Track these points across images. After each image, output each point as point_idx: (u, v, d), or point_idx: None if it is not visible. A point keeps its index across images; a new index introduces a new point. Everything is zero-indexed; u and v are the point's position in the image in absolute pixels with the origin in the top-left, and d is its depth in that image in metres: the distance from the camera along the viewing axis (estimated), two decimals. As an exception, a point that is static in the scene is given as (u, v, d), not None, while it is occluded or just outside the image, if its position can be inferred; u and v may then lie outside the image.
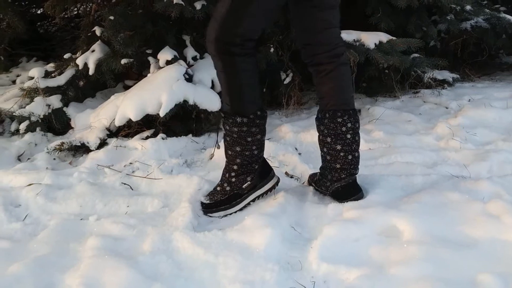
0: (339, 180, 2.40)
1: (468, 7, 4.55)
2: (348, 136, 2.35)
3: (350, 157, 2.38)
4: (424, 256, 1.91)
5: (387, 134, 3.20)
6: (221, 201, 2.43)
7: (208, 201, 2.44)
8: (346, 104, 2.36)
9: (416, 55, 4.05)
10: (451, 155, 2.85)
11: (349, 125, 2.35)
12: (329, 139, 2.37)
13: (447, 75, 4.44)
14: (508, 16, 4.70)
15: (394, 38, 3.79)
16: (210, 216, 2.41)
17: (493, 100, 3.70)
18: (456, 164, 2.71)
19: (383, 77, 4.18)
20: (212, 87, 3.40)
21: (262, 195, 2.47)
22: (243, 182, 2.44)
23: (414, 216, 2.15)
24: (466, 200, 2.27)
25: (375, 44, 3.70)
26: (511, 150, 2.83)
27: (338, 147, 2.36)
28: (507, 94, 3.89)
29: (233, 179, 2.44)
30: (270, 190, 2.48)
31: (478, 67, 4.96)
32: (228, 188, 2.43)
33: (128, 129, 3.34)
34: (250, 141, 2.38)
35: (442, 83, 4.37)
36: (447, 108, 3.79)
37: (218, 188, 2.46)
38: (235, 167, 2.43)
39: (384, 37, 3.79)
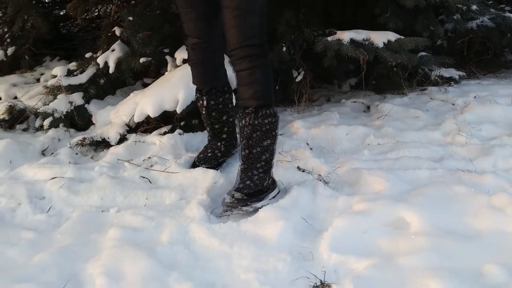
0: None
1: (474, 7, 4.51)
2: None
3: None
4: (431, 247, 1.91)
5: (395, 129, 3.19)
6: (250, 194, 2.35)
7: (240, 196, 2.31)
8: None
9: (423, 53, 4.02)
10: (457, 150, 2.84)
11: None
12: None
13: (453, 72, 4.42)
14: (513, 16, 4.67)
15: (402, 37, 3.77)
16: (241, 211, 2.32)
17: (498, 97, 3.67)
18: (462, 159, 2.70)
19: (391, 75, 4.16)
20: (227, 84, 3.40)
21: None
22: (264, 180, 2.41)
23: (421, 209, 2.15)
24: (472, 193, 2.26)
25: (383, 43, 3.68)
26: (516, 145, 2.81)
27: None
28: (512, 91, 3.87)
29: (256, 177, 2.39)
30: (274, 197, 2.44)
31: (483, 65, 4.92)
32: (252, 185, 2.36)
33: (147, 125, 3.35)
34: (275, 134, 2.44)
35: (448, 81, 4.35)
36: (453, 104, 3.77)
37: (241, 185, 2.36)
38: (259, 164, 2.41)
39: (392, 36, 3.76)
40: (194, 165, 2.78)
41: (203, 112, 2.75)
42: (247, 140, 2.39)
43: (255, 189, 2.36)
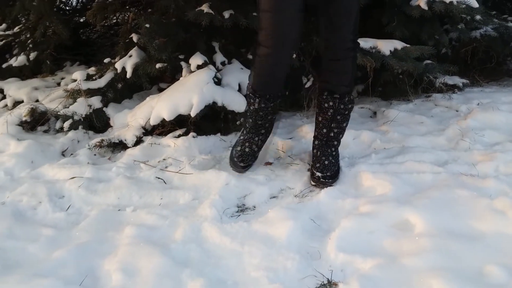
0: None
1: (478, 17, 4.49)
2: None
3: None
4: (434, 248, 1.91)
5: (401, 134, 3.18)
6: (336, 171, 2.63)
7: (329, 173, 2.57)
8: None
9: (428, 61, 4.01)
10: (460, 155, 2.83)
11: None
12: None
13: (457, 80, 4.39)
14: (515, 26, 4.65)
15: (408, 45, 3.76)
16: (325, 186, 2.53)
17: (501, 104, 3.65)
18: (465, 163, 2.69)
19: (397, 82, 4.15)
20: (239, 90, 3.41)
21: None
22: (338, 157, 2.71)
23: (425, 211, 2.14)
24: (474, 197, 2.25)
25: (390, 51, 3.67)
26: (517, 151, 2.80)
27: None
28: (514, 99, 3.85)
29: (334, 153, 2.67)
30: None
31: (486, 73, 4.89)
32: (333, 161, 2.63)
33: (162, 128, 3.36)
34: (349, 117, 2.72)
35: (452, 88, 4.32)
36: (457, 111, 3.76)
37: (326, 162, 2.60)
38: (336, 142, 2.70)
39: (398, 44, 3.76)
40: (232, 159, 2.69)
41: (252, 108, 2.63)
42: (329, 122, 2.63)
43: (337, 167, 2.64)
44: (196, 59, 3.50)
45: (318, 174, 2.56)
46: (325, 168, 2.57)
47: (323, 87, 2.64)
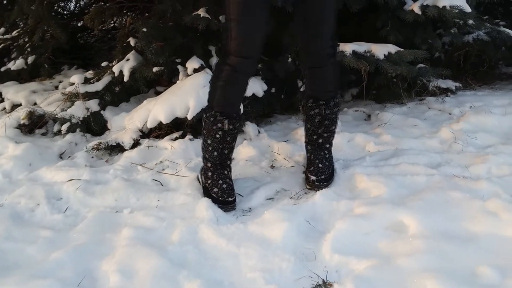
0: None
1: (470, 22, 4.50)
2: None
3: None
4: (428, 249, 1.91)
5: (394, 137, 3.19)
6: (330, 173, 2.62)
7: (324, 176, 2.57)
8: None
9: (422, 65, 4.02)
10: (453, 157, 2.83)
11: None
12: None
13: (450, 84, 4.41)
14: (508, 30, 4.64)
15: (402, 49, 3.77)
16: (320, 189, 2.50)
17: (493, 107, 3.66)
18: (458, 166, 2.70)
19: (391, 85, 4.16)
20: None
21: None
22: (332, 159, 2.71)
23: (419, 213, 2.15)
24: (467, 198, 2.26)
25: (384, 55, 3.68)
26: (509, 153, 2.80)
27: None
28: (506, 102, 3.86)
29: (328, 156, 2.67)
30: None
31: (479, 76, 4.91)
32: (327, 163, 2.63)
33: (159, 131, 3.36)
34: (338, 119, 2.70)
35: (445, 91, 4.34)
36: (450, 114, 3.77)
37: (320, 165, 2.59)
38: (328, 145, 2.68)
39: (392, 48, 3.77)
40: (217, 202, 2.40)
41: (218, 135, 2.43)
42: (318, 128, 2.60)
43: (331, 169, 2.62)
44: (193, 63, 3.50)
45: (313, 177, 2.55)
46: (319, 171, 2.57)
47: (307, 95, 2.62)
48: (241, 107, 2.72)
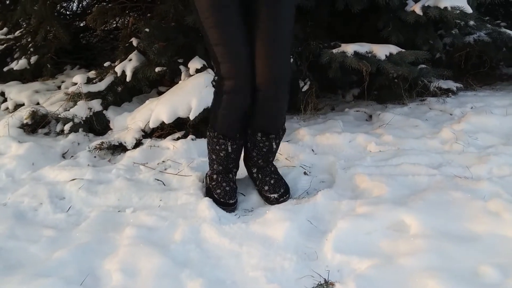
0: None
1: (471, 23, 4.51)
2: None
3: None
4: (429, 249, 1.91)
5: (396, 137, 3.19)
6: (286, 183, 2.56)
7: (283, 189, 2.50)
8: None
9: (423, 66, 4.02)
10: (454, 158, 2.83)
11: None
12: None
13: (451, 84, 4.41)
14: (508, 31, 4.65)
15: (403, 50, 3.77)
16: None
17: (494, 108, 3.66)
18: (459, 166, 2.70)
19: (392, 86, 4.16)
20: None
21: None
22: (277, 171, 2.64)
23: (420, 212, 2.14)
24: (468, 198, 2.26)
25: (385, 55, 3.68)
26: (510, 154, 2.80)
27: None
28: (507, 102, 3.86)
29: (273, 168, 2.61)
30: None
31: (480, 77, 4.91)
32: (278, 178, 2.55)
33: (161, 131, 3.36)
34: None
35: (446, 92, 4.34)
36: (451, 114, 3.77)
37: (272, 181, 2.51)
38: (271, 164, 2.62)
39: (394, 49, 3.77)
40: (218, 203, 2.40)
41: (222, 154, 2.46)
42: (266, 154, 2.53)
43: (283, 179, 2.55)
44: (195, 63, 3.51)
45: (274, 195, 2.46)
46: (276, 187, 2.48)
47: (256, 128, 2.47)
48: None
